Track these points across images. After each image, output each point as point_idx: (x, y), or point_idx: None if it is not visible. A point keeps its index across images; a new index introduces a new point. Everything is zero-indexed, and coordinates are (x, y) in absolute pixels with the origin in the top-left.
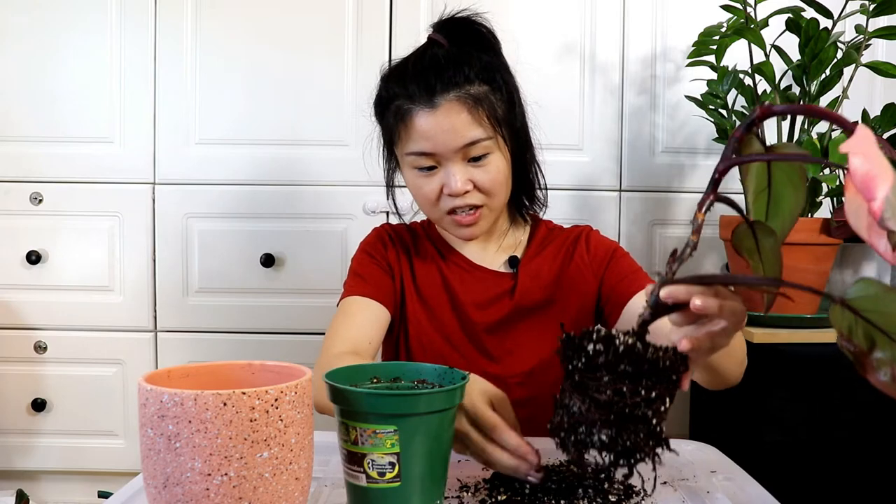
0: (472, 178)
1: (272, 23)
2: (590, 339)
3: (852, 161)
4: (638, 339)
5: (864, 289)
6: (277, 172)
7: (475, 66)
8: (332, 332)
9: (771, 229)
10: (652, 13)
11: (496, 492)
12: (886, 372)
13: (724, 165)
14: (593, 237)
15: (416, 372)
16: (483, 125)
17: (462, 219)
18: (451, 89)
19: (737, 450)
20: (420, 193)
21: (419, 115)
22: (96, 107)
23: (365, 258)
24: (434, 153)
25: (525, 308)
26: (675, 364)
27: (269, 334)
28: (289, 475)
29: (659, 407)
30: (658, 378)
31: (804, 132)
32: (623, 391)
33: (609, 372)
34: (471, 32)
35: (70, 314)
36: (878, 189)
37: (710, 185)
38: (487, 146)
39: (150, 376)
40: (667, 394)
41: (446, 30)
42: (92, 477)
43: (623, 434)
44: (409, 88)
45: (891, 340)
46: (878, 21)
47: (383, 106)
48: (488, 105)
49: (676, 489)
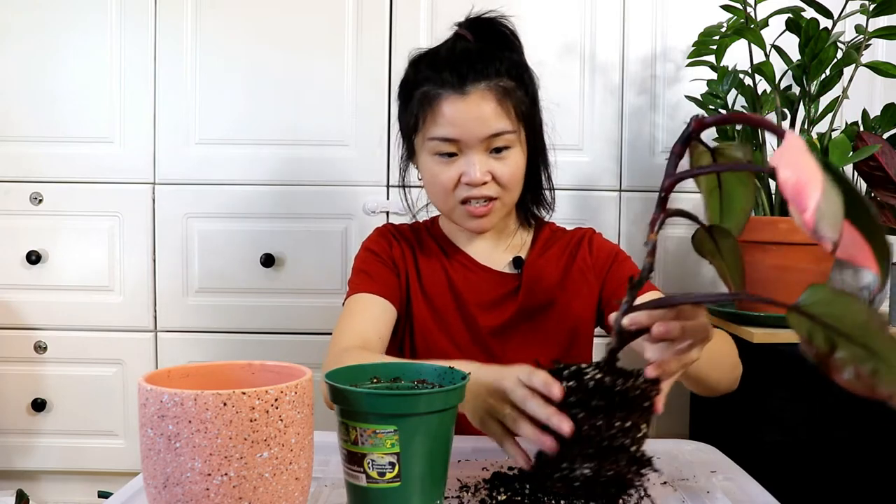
0: (491, 169)
1: (272, 23)
2: (560, 376)
3: (780, 173)
4: (608, 369)
5: (815, 294)
6: (277, 172)
7: (504, 62)
8: (340, 329)
9: (727, 231)
10: (652, 13)
11: (496, 492)
12: (850, 370)
13: (670, 182)
14: (596, 240)
15: (417, 372)
16: (510, 118)
17: (475, 209)
18: (481, 79)
19: (737, 450)
20: (436, 181)
21: (448, 101)
22: (96, 107)
23: (369, 256)
24: (458, 140)
25: (529, 309)
26: (645, 392)
27: (269, 334)
28: (289, 475)
29: (636, 434)
30: (631, 408)
31: (804, 132)
32: (599, 425)
33: (583, 408)
34: (496, 32)
35: (70, 314)
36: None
37: (658, 204)
38: (510, 139)
39: (150, 376)
40: (642, 420)
41: (473, 28)
42: (92, 477)
43: (605, 465)
44: (442, 75)
45: (850, 341)
46: (878, 21)
47: (410, 89)
48: (515, 99)
49: (676, 489)
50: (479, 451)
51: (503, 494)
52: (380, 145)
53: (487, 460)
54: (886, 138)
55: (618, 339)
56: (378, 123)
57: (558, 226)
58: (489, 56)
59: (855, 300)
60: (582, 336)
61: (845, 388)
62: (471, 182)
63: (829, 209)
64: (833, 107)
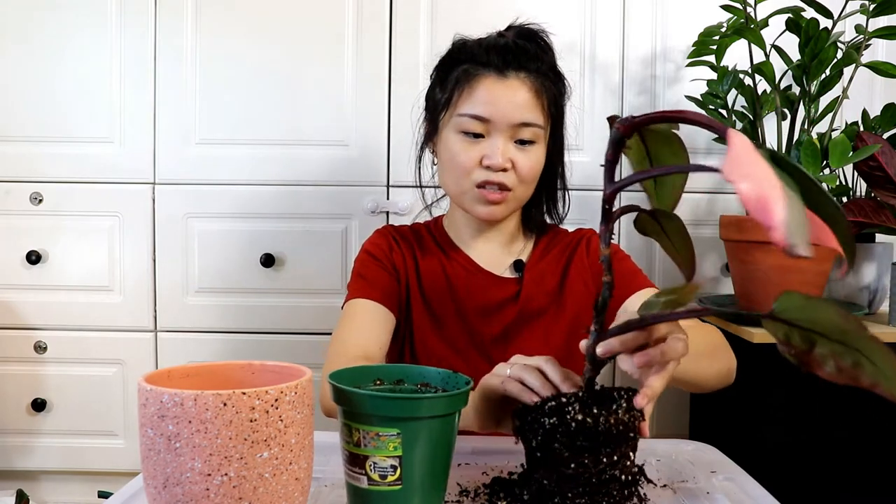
0: (513, 157)
1: (272, 23)
2: (543, 414)
3: (739, 188)
4: (589, 400)
5: (788, 301)
6: (277, 172)
7: (545, 62)
8: (340, 336)
9: (672, 214)
10: (652, 13)
11: (496, 497)
12: (831, 364)
13: (610, 191)
14: (594, 241)
15: (420, 375)
16: (542, 112)
17: (489, 194)
18: (522, 69)
19: (737, 450)
20: (457, 160)
21: (487, 80)
22: (96, 107)
23: (368, 260)
24: (489, 120)
25: (529, 313)
26: (628, 424)
27: (269, 334)
28: (289, 475)
29: (625, 462)
30: (616, 443)
31: (804, 132)
32: (586, 463)
33: (568, 449)
34: (537, 42)
35: (70, 314)
36: (774, 214)
37: (602, 216)
38: (537, 133)
39: (151, 376)
40: (629, 450)
41: (515, 34)
42: (92, 477)
43: (597, 497)
44: (488, 56)
45: (827, 339)
46: (878, 21)
47: (450, 65)
48: (550, 96)
49: (676, 490)
50: (480, 455)
51: (503, 500)
52: (380, 145)
53: (488, 465)
54: (886, 138)
55: (592, 368)
56: (378, 123)
57: (561, 227)
58: (532, 53)
59: (827, 304)
60: (581, 339)
61: (828, 380)
62: (492, 165)
63: (795, 220)
64: (833, 107)
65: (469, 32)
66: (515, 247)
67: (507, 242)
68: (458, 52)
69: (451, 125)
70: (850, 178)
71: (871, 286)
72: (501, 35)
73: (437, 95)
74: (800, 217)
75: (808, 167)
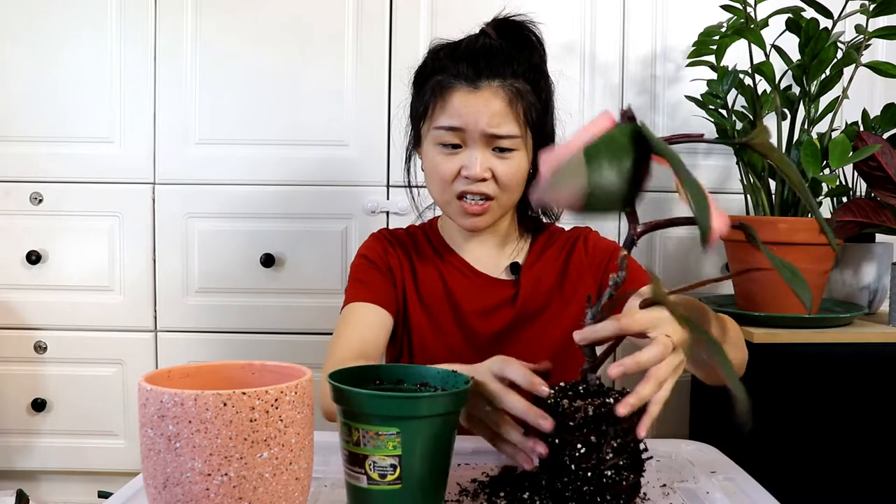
0: (492, 167)
1: (272, 22)
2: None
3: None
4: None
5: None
6: (277, 172)
7: (523, 64)
8: (338, 339)
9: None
10: (652, 13)
11: (496, 497)
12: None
13: (642, 229)
14: (591, 238)
15: (420, 375)
16: (517, 121)
17: (470, 207)
18: (495, 78)
19: (737, 450)
20: (437, 171)
21: (459, 92)
22: (96, 107)
23: (365, 264)
24: (464, 130)
25: (526, 315)
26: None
27: (269, 334)
28: (289, 475)
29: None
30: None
31: (804, 132)
32: (581, 454)
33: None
34: (521, 36)
35: (70, 314)
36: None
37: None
38: (515, 142)
39: (151, 376)
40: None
41: (499, 28)
42: (92, 477)
43: (597, 497)
44: (458, 66)
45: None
46: (878, 21)
47: (425, 77)
48: (526, 104)
49: (676, 490)
50: (480, 455)
51: (503, 500)
52: (380, 145)
53: (488, 465)
54: (886, 138)
55: (590, 362)
56: (378, 123)
57: (557, 226)
58: (508, 56)
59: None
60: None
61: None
62: (470, 175)
63: (562, 177)
64: (833, 107)
65: (469, 32)
66: (511, 248)
67: (501, 244)
68: (432, 61)
69: (429, 137)
70: (851, 178)
71: (871, 286)
72: (483, 32)
73: (416, 106)
74: (567, 176)
75: (809, 167)
